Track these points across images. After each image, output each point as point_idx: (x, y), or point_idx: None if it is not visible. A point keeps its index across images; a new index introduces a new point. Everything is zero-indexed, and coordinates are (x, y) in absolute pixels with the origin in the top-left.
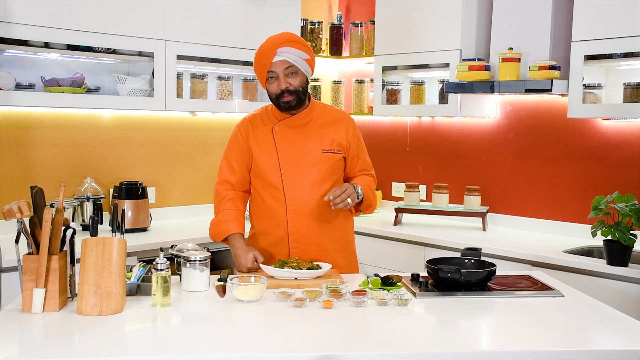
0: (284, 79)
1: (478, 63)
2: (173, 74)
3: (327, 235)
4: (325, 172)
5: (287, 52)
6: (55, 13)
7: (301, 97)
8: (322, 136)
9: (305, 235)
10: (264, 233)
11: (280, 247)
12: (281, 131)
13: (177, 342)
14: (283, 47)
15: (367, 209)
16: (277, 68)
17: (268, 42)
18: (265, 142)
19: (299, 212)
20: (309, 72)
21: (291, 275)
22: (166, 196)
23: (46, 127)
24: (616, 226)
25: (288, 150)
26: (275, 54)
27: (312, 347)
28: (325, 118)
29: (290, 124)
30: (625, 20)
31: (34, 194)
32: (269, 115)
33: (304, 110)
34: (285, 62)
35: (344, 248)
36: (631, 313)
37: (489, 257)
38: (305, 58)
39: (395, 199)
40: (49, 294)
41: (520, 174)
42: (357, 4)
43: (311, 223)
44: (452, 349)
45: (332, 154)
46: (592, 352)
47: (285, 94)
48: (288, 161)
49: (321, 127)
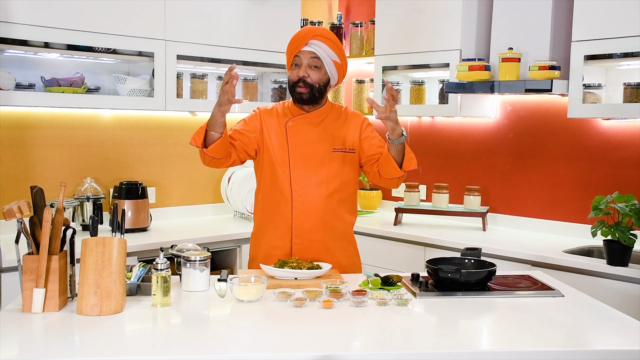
0: (305, 69)
1: (478, 63)
2: (173, 74)
3: (330, 234)
4: (335, 171)
5: (317, 46)
6: (55, 13)
7: (315, 95)
8: (335, 136)
9: (309, 232)
10: (267, 227)
11: (283, 242)
12: (294, 127)
13: (177, 342)
14: (317, 39)
15: (409, 161)
16: (304, 56)
17: (304, 30)
18: (278, 134)
19: (304, 209)
20: (334, 75)
21: (291, 275)
22: (166, 196)
23: (46, 127)
24: (616, 226)
25: (299, 146)
26: (307, 43)
27: (312, 347)
28: (340, 119)
29: (304, 120)
30: (625, 20)
31: (34, 194)
32: (285, 110)
33: (319, 109)
34: (312, 54)
35: (347, 247)
36: (631, 313)
37: (489, 257)
38: (334, 60)
39: (395, 199)
40: (49, 294)
41: (520, 174)
42: (357, 4)
43: (315, 220)
44: (452, 349)
45: (343, 153)
46: (592, 352)
47: (301, 83)
48: (298, 157)
49: (335, 127)
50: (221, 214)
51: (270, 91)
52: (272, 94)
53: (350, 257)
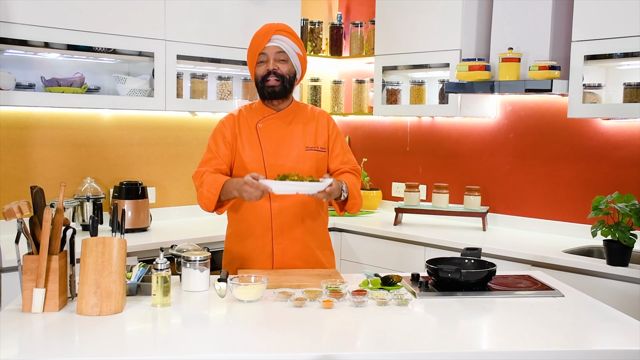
0: (274, 62)
1: (478, 63)
2: (173, 74)
3: (309, 233)
4: (309, 169)
5: (281, 40)
6: (55, 13)
7: (286, 87)
8: (306, 134)
9: (289, 232)
10: (244, 231)
11: (262, 243)
12: (265, 127)
13: (177, 342)
14: (278, 34)
15: (352, 208)
16: (269, 52)
17: (264, 28)
18: (249, 137)
19: (283, 209)
20: (299, 67)
21: (292, 189)
22: (166, 196)
23: (46, 127)
24: (616, 226)
25: (272, 146)
26: (270, 39)
27: (312, 347)
28: (308, 116)
29: (274, 121)
30: (625, 20)
31: (34, 194)
32: (254, 112)
33: (288, 108)
34: (278, 48)
35: (326, 246)
36: (631, 313)
37: (489, 257)
38: (297, 52)
39: (395, 199)
40: (49, 294)
41: (520, 174)
42: (357, 4)
43: (295, 220)
44: (452, 349)
45: (316, 152)
46: (592, 352)
47: (272, 75)
48: (272, 157)
49: (304, 125)
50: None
51: None
52: None
53: (327, 256)
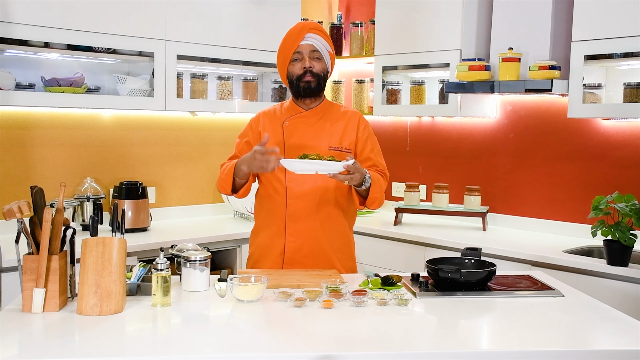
0: (309, 60)
1: (478, 63)
2: (173, 74)
3: (324, 234)
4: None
5: (314, 39)
6: (55, 13)
7: (321, 84)
8: (332, 134)
9: (302, 231)
10: (264, 227)
11: (276, 241)
12: (291, 125)
13: (177, 342)
14: (312, 33)
15: (373, 203)
16: (304, 50)
17: (298, 26)
18: (275, 135)
19: (298, 207)
20: (329, 65)
21: (312, 168)
22: (166, 196)
23: (46, 127)
24: (616, 226)
25: (295, 144)
26: (304, 38)
27: (312, 347)
28: (338, 116)
29: (301, 119)
30: (625, 20)
31: (34, 194)
32: (283, 111)
33: (318, 106)
34: (312, 47)
35: (342, 249)
36: (631, 313)
37: (489, 257)
38: (329, 50)
39: (395, 199)
40: (49, 294)
41: (520, 174)
42: (357, 4)
43: (309, 219)
44: (452, 349)
45: (339, 152)
46: (592, 352)
47: (308, 74)
48: (293, 155)
49: (332, 124)
50: (221, 214)
51: (270, 91)
52: (272, 94)
53: (345, 260)
